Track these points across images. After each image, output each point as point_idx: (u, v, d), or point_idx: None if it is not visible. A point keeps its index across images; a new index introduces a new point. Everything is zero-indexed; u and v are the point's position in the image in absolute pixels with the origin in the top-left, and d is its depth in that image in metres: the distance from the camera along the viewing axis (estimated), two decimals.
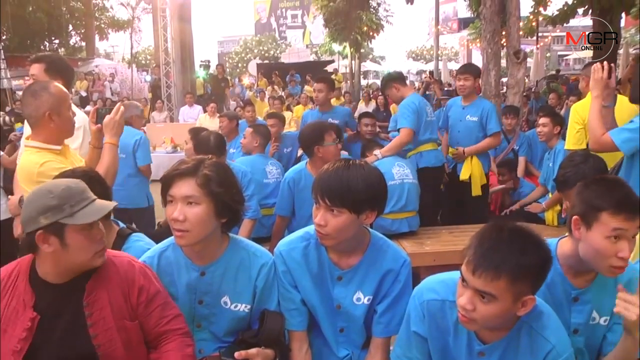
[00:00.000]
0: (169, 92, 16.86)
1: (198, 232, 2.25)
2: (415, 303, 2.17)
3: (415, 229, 4.96)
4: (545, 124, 5.53)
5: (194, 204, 2.23)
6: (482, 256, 1.83)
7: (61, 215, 2.03)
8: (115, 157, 3.23)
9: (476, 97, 5.84)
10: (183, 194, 2.23)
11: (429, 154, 5.44)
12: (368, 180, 2.24)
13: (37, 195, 2.08)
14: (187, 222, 2.22)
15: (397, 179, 4.76)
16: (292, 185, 4.59)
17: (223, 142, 4.85)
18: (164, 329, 2.28)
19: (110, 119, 3.22)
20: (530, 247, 1.84)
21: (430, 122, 5.50)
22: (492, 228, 1.90)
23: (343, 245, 2.35)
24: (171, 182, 2.26)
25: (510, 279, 1.80)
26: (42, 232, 2.03)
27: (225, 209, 2.29)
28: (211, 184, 2.23)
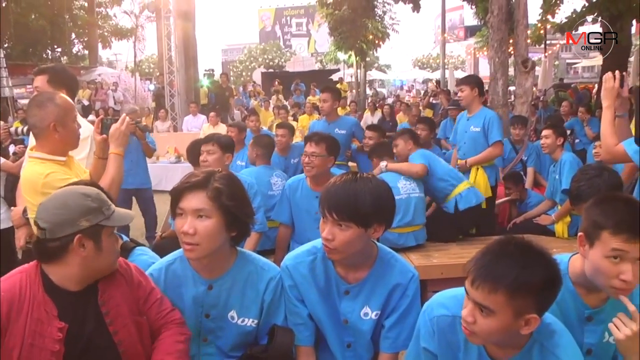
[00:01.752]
0: (173, 101, 16.93)
1: (208, 246, 2.26)
2: (425, 319, 2.16)
3: (423, 242, 4.96)
4: (548, 135, 5.51)
5: (205, 217, 2.24)
6: (482, 268, 1.83)
7: (101, 218, 2.11)
8: (121, 167, 3.24)
9: (479, 108, 5.81)
10: (193, 207, 2.24)
11: (468, 193, 5.20)
12: (376, 193, 2.24)
13: (70, 198, 2.10)
14: (197, 235, 2.23)
15: (403, 194, 4.76)
16: (289, 192, 4.64)
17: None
18: (162, 322, 2.34)
19: (116, 129, 3.23)
20: (534, 263, 1.81)
21: (448, 167, 5.39)
22: (499, 241, 1.89)
23: (350, 259, 2.35)
24: (181, 195, 2.28)
25: (509, 294, 1.77)
26: (82, 235, 2.06)
27: (236, 222, 2.30)
28: (222, 197, 2.24)
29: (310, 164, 4.39)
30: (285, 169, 6.27)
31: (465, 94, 5.77)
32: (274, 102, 19.99)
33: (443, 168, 5.17)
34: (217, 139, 4.66)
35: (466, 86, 5.78)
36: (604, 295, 2.20)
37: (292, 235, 4.76)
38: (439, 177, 5.09)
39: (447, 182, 5.10)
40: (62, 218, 2.06)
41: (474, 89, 5.75)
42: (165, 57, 17.02)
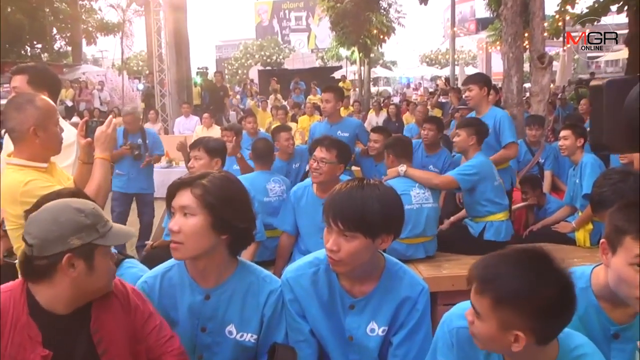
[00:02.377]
0: (164, 101, 16.95)
1: (192, 245, 2.27)
2: (444, 330, 2.15)
3: (432, 254, 4.95)
4: (567, 136, 5.48)
5: (189, 215, 2.26)
6: (475, 267, 1.85)
7: (95, 236, 2.06)
8: (107, 173, 3.22)
9: (489, 108, 5.79)
10: (179, 204, 2.28)
11: (501, 225, 5.07)
12: (384, 201, 2.23)
13: (62, 213, 2.05)
14: (182, 233, 2.25)
15: (414, 203, 4.73)
16: (294, 199, 4.64)
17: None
18: (160, 351, 2.29)
19: (102, 132, 3.21)
20: (529, 275, 1.76)
21: (499, 187, 5.21)
22: (510, 248, 1.88)
23: (356, 271, 2.34)
24: (174, 193, 2.32)
25: (493, 301, 1.77)
26: (72, 254, 2.01)
27: (225, 224, 2.30)
28: (207, 196, 2.26)
29: (319, 170, 4.36)
30: (287, 174, 6.26)
31: (473, 94, 5.75)
32: (272, 102, 20.00)
33: (491, 192, 5.03)
34: (204, 143, 4.67)
35: (474, 85, 5.75)
36: (632, 310, 2.16)
37: (294, 245, 4.76)
38: (480, 200, 5.03)
39: (485, 208, 5.05)
40: (51, 235, 2.00)
41: (483, 88, 5.73)
42: (155, 54, 17.05)
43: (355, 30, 27.08)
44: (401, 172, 4.90)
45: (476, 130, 5.12)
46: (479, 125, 5.22)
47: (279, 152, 6.55)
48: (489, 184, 5.00)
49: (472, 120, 5.38)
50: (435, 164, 6.75)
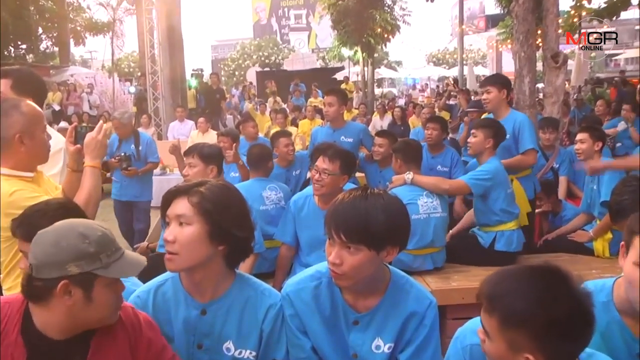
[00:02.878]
0: (156, 105, 16.97)
1: (188, 256, 2.27)
2: (457, 347, 2.15)
3: (441, 266, 4.94)
4: (583, 140, 5.42)
5: (185, 225, 2.27)
6: (484, 284, 1.84)
7: (96, 266, 2.00)
8: (98, 181, 3.21)
9: (508, 111, 5.71)
10: (175, 212, 2.29)
11: (512, 235, 5.05)
12: (388, 211, 2.23)
13: (65, 237, 2.00)
14: (177, 243, 2.26)
15: (422, 213, 4.72)
16: (294, 209, 4.63)
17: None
18: None
19: (92, 138, 3.19)
20: (538, 294, 1.73)
21: (511, 195, 5.21)
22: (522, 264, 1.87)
23: (360, 285, 2.34)
24: (169, 202, 2.33)
25: (501, 321, 1.76)
26: (68, 281, 1.97)
27: (222, 233, 2.30)
28: (204, 202, 2.26)
29: (320, 182, 4.32)
30: (287, 182, 6.26)
31: (492, 96, 5.63)
32: (271, 105, 20.00)
33: (504, 201, 5.00)
34: (199, 149, 4.68)
35: (493, 87, 5.64)
36: None
37: (295, 257, 4.76)
38: (492, 209, 5.01)
39: (496, 217, 5.03)
40: (49, 258, 1.97)
41: (502, 91, 5.62)
42: (148, 55, 17.07)
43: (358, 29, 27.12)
44: (407, 179, 4.88)
45: (494, 132, 5.08)
46: (497, 127, 5.17)
47: (278, 158, 6.56)
48: (502, 191, 4.98)
49: (490, 122, 5.31)
50: (443, 163, 6.78)
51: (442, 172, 6.69)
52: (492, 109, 5.73)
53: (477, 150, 5.12)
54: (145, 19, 16.93)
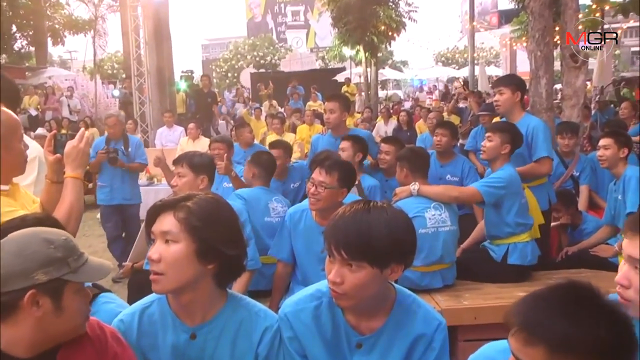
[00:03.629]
0: (143, 109, 16.99)
1: (174, 276, 2.27)
2: None
3: (451, 283, 4.95)
4: (607, 145, 5.41)
5: (171, 242, 2.27)
6: (520, 313, 1.78)
7: (65, 271, 2.01)
8: (80, 194, 3.20)
9: (521, 115, 5.69)
10: (160, 229, 2.29)
11: (526, 247, 5.06)
12: (392, 226, 2.24)
13: (28, 245, 1.99)
14: (163, 262, 2.26)
15: (429, 227, 4.73)
16: (290, 223, 4.61)
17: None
18: None
19: (73, 147, 3.19)
20: (591, 317, 1.70)
21: (525, 205, 5.20)
22: (549, 286, 1.85)
23: (363, 305, 2.34)
24: (155, 217, 2.33)
25: (549, 351, 1.70)
26: (36, 291, 1.95)
27: (211, 251, 2.29)
28: (191, 218, 2.26)
29: (317, 196, 4.28)
30: (285, 194, 6.24)
31: (504, 98, 5.62)
32: (266, 110, 20.01)
33: (517, 211, 5.00)
34: (188, 158, 4.67)
35: (506, 88, 5.63)
36: None
37: (292, 275, 4.75)
38: (504, 220, 5.01)
39: (508, 228, 5.03)
40: (13, 268, 1.95)
41: (516, 93, 5.61)
42: (133, 56, 17.12)
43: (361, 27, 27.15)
44: (413, 191, 4.89)
45: (512, 137, 5.09)
46: (515, 132, 5.17)
47: None
48: (516, 201, 4.99)
49: (507, 126, 5.28)
50: (453, 172, 6.79)
51: (452, 182, 6.69)
52: (503, 111, 5.74)
53: (491, 156, 5.12)
54: (130, 16, 16.97)
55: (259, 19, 68.37)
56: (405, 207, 4.69)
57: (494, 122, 5.37)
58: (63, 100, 22.73)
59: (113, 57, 52.98)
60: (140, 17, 16.79)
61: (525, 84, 5.97)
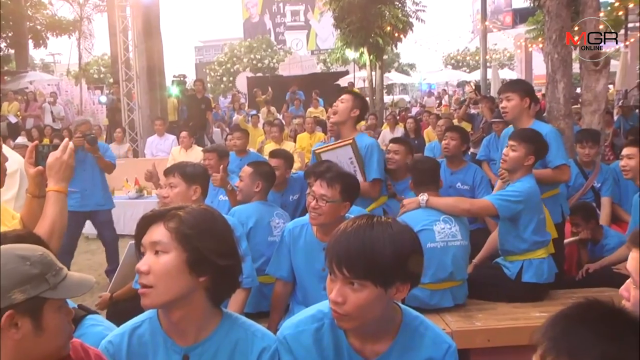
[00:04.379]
0: (132, 116, 16.98)
1: (164, 289, 2.26)
2: None
3: (462, 302, 4.93)
4: (632, 155, 5.40)
5: (161, 253, 2.27)
6: (555, 339, 1.77)
7: (43, 288, 1.99)
8: (64, 209, 3.20)
9: (530, 122, 5.64)
10: (150, 240, 2.30)
11: (542, 264, 5.03)
12: (397, 242, 2.23)
13: (2, 263, 1.97)
14: (152, 274, 2.25)
15: (438, 241, 4.73)
16: (289, 239, 4.59)
17: None
18: None
19: (56, 158, 3.18)
20: (627, 334, 1.71)
21: (543, 220, 5.17)
22: (576, 306, 1.85)
23: (367, 327, 2.33)
24: (145, 228, 2.34)
25: None
26: (14, 311, 1.93)
27: (204, 262, 2.29)
28: (182, 227, 2.27)
29: (318, 210, 4.23)
30: (283, 207, 6.22)
31: (512, 105, 5.60)
32: (264, 116, 20.00)
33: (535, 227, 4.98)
34: (180, 168, 4.68)
35: (513, 94, 5.61)
36: None
37: (292, 295, 4.74)
38: (520, 235, 5.00)
39: (524, 245, 5.02)
40: None
41: (524, 99, 5.59)
42: (121, 59, 17.09)
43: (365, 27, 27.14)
44: (422, 202, 4.89)
45: (536, 148, 5.06)
46: (542, 144, 5.14)
47: None
48: (534, 216, 4.97)
49: (534, 136, 5.19)
50: (464, 180, 6.79)
51: (462, 190, 6.71)
52: (511, 118, 5.70)
53: (512, 166, 5.09)
54: (118, 16, 16.95)
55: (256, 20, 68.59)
56: (412, 220, 4.71)
57: (519, 129, 5.28)
58: (45, 107, 22.65)
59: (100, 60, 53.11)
60: (129, 17, 16.76)
61: (534, 90, 5.96)
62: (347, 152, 5.56)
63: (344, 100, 5.84)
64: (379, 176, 5.69)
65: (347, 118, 5.84)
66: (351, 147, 5.57)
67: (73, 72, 38.00)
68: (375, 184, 5.69)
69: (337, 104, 5.91)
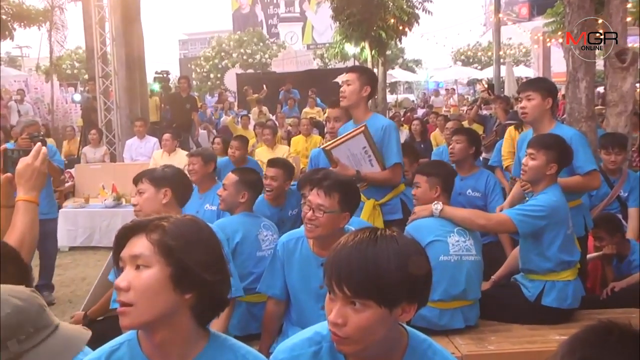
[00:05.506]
0: (109, 117, 16.95)
1: (146, 307, 2.24)
2: None
3: (474, 324, 4.94)
4: None
5: (143, 267, 2.25)
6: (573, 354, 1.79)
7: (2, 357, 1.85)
8: (34, 220, 3.20)
9: (552, 125, 5.65)
10: (130, 253, 2.28)
11: (567, 287, 5.04)
12: (403, 258, 2.23)
13: None
14: (132, 291, 2.23)
15: (452, 254, 4.73)
16: (283, 254, 4.58)
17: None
18: None
19: (27, 165, 3.18)
20: None
21: (571, 237, 5.17)
22: (593, 329, 1.85)
23: (369, 351, 2.32)
24: (124, 241, 2.32)
25: None
26: None
27: (189, 277, 2.28)
28: (166, 239, 2.26)
29: (314, 222, 4.22)
30: (280, 224, 6.24)
31: (533, 105, 5.60)
32: (255, 117, 19.99)
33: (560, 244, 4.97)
34: (148, 173, 4.73)
35: (535, 93, 5.60)
36: None
37: (285, 315, 4.73)
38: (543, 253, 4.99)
39: (548, 263, 5.00)
40: None
41: (547, 99, 5.59)
42: (98, 54, 17.05)
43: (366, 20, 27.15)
44: (435, 211, 4.90)
45: (559, 155, 5.04)
46: (564, 148, 5.12)
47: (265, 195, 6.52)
48: (560, 233, 4.97)
49: (554, 141, 5.17)
50: (475, 187, 6.82)
51: (473, 197, 6.75)
52: (531, 120, 5.71)
53: (533, 177, 5.09)
54: (94, 6, 16.86)
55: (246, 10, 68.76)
56: (425, 229, 4.74)
57: (537, 136, 5.26)
58: (12, 106, 22.40)
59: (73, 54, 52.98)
60: (106, 7, 16.66)
61: (557, 90, 5.94)
62: (360, 142, 5.55)
63: (350, 81, 5.81)
64: (399, 160, 5.73)
65: (359, 99, 5.85)
66: (364, 134, 5.55)
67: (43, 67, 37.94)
68: (396, 168, 5.74)
69: (343, 89, 5.86)
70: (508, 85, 27.94)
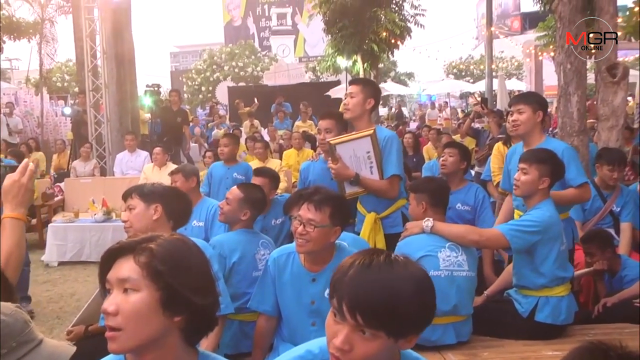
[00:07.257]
0: (100, 130, 16.91)
1: (135, 332, 2.21)
2: None
3: (466, 339, 4.92)
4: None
5: (131, 291, 2.22)
6: None
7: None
8: (21, 238, 3.18)
9: (542, 139, 5.70)
10: (117, 276, 2.24)
11: (561, 303, 5.03)
12: (421, 289, 2.22)
13: None
14: (120, 316, 2.20)
15: (443, 269, 4.74)
16: (274, 268, 4.56)
17: None
18: None
19: (14, 181, 3.17)
20: None
21: (564, 253, 5.17)
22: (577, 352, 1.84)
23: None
24: (111, 263, 2.28)
25: None
26: None
27: (179, 300, 2.26)
28: (155, 262, 2.23)
29: (305, 237, 4.20)
30: (264, 231, 6.20)
31: (523, 118, 5.65)
32: (246, 130, 19.99)
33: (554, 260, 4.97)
34: (138, 188, 4.68)
35: (526, 106, 5.66)
36: None
37: (276, 331, 4.70)
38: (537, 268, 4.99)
39: (541, 279, 5.00)
40: None
41: (537, 112, 5.64)
42: (88, 67, 17.02)
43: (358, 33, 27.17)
44: (426, 228, 4.90)
45: (551, 169, 5.04)
46: (555, 162, 5.12)
47: None
48: (554, 248, 4.96)
49: (546, 155, 5.17)
50: (464, 200, 6.81)
51: (462, 211, 6.76)
52: (522, 133, 5.74)
53: (526, 192, 5.09)
54: (84, 19, 16.88)
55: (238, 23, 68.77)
56: (416, 245, 4.75)
57: (529, 151, 5.28)
58: (1, 119, 22.07)
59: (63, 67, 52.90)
60: (96, 19, 16.65)
61: (547, 103, 5.97)
62: (366, 145, 5.58)
63: (353, 94, 5.85)
64: (398, 172, 5.73)
65: (362, 112, 5.88)
66: (371, 138, 5.58)
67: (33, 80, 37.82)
68: (393, 181, 5.73)
69: (347, 101, 5.90)
70: (500, 98, 27.94)
